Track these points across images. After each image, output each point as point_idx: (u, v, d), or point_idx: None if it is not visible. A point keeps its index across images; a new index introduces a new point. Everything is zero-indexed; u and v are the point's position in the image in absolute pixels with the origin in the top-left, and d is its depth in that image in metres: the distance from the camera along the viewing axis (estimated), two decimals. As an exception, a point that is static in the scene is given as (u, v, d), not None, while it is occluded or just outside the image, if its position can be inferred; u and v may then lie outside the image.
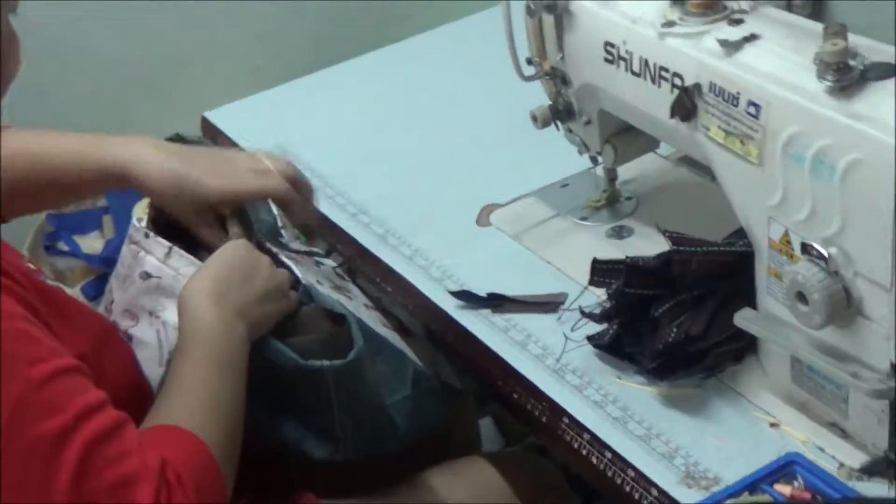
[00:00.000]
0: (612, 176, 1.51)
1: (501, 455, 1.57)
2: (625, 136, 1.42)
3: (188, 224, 1.37)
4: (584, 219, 1.51)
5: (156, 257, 1.33)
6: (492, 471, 1.49)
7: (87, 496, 1.01)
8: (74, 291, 2.18)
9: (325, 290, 1.31)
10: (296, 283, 1.30)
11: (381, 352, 1.33)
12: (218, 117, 1.85)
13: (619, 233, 1.48)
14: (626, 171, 1.53)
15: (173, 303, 1.31)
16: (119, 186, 1.41)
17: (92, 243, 2.27)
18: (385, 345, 1.34)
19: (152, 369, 1.33)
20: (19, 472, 1.00)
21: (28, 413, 1.00)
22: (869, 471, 1.13)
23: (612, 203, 1.52)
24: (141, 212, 1.41)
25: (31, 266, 1.22)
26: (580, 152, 1.48)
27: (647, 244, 1.41)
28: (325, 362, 1.26)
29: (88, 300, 2.12)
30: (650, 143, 1.44)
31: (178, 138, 1.50)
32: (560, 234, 1.49)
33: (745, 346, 1.25)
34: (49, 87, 2.19)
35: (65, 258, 2.25)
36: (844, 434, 1.16)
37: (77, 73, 2.21)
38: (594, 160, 1.48)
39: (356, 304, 1.34)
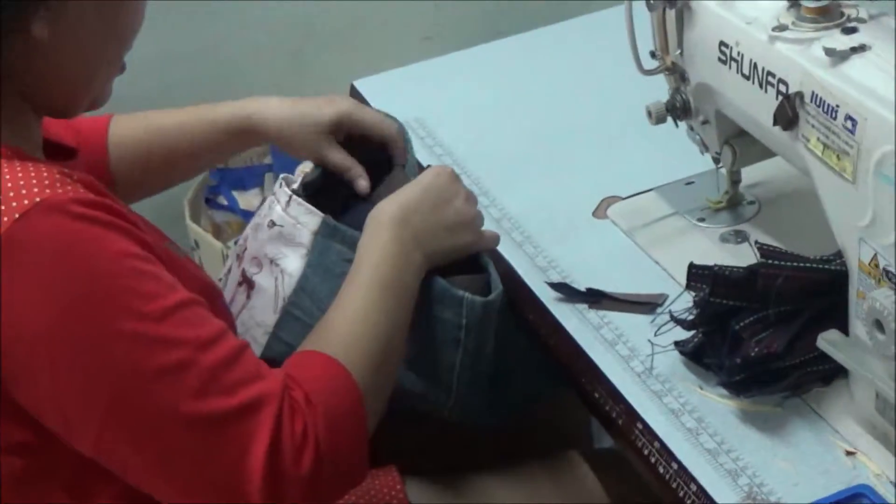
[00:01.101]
0: (735, 178, 1.47)
1: (601, 453, 1.55)
2: (744, 139, 1.37)
3: (317, 156, 1.41)
4: (701, 220, 1.47)
5: (281, 206, 1.37)
6: (585, 468, 1.47)
7: (209, 424, 1.04)
8: (229, 245, 2.25)
9: None
10: None
11: (506, 315, 1.34)
12: (365, 86, 1.87)
13: (735, 237, 1.43)
14: (752, 175, 1.48)
15: (293, 251, 1.35)
16: (245, 139, 1.46)
17: (251, 199, 2.34)
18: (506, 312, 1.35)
19: (267, 316, 1.36)
20: (143, 405, 1.03)
21: (147, 348, 1.03)
22: (939, 514, 1.08)
23: (733, 206, 1.47)
24: (299, 172, 1.46)
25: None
26: (701, 152, 1.44)
27: (760, 252, 1.36)
28: (467, 294, 1.28)
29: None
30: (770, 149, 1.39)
31: None
32: (673, 234, 1.46)
33: (834, 369, 1.19)
34: (226, 39, 2.29)
35: (223, 212, 2.33)
36: (920, 472, 1.11)
37: (255, 28, 2.30)
38: (716, 161, 1.44)
39: None
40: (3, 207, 1.00)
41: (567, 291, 1.38)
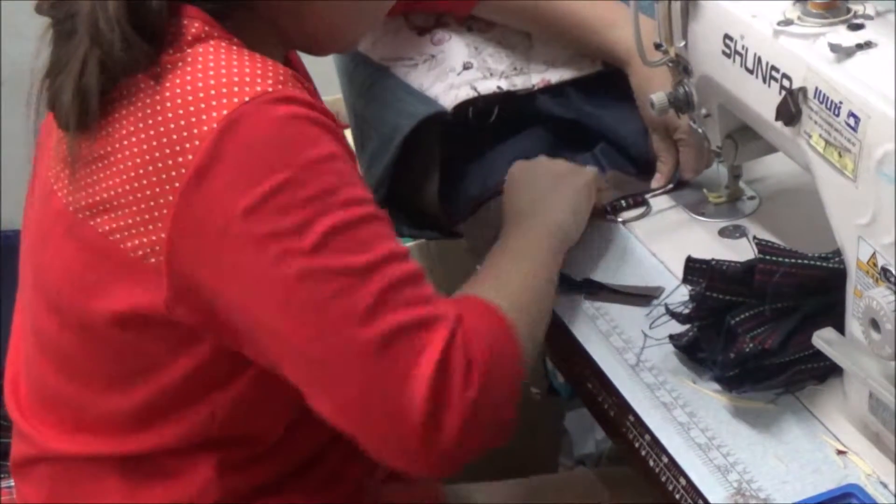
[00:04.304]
0: (736, 173, 1.46)
1: (613, 471, 1.54)
2: (746, 134, 1.36)
3: None
4: (700, 214, 1.46)
5: None
6: (597, 485, 1.46)
7: (384, 329, 1.04)
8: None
9: None
10: None
11: None
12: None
13: (734, 232, 1.43)
14: (753, 170, 1.48)
15: None
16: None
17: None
18: None
19: None
20: (324, 298, 1.04)
21: (341, 246, 1.04)
22: (928, 516, 1.07)
23: (734, 201, 1.47)
24: None
25: None
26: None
27: (759, 247, 1.35)
28: None
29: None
30: (772, 144, 1.38)
31: None
32: (672, 227, 1.45)
33: (829, 367, 1.19)
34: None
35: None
36: (912, 473, 1.10)
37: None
38: (717, 154, 1.43)
39: None
40: (236, 89, 1.03)
41: (564, 281, 1.37)
